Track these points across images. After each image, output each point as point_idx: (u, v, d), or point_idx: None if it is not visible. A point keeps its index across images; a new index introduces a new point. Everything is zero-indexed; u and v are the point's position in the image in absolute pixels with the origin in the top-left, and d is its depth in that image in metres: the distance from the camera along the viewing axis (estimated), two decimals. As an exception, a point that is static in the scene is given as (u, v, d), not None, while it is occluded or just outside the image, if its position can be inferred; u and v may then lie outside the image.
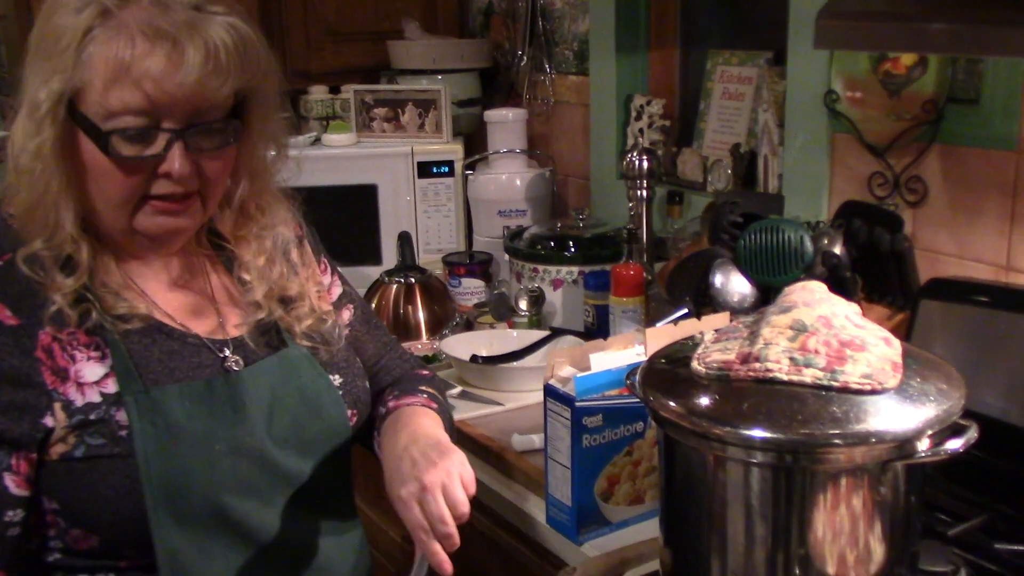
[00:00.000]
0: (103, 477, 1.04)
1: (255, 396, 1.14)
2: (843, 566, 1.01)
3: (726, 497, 1.03)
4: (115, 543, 1.08)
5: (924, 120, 1.59)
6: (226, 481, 1.10)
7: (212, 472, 1.08)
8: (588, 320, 1.98)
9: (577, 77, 2.45)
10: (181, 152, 1.05)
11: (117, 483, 1.04)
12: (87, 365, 1.06)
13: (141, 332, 1.10)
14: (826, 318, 1.03)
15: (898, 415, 0.97)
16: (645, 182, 1.99)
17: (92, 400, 1.05)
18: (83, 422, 1.04)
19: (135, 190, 1.06)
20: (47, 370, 1.04)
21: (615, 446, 1.30)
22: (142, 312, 1.10)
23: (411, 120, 2.52)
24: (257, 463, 1.12)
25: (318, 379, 1.20)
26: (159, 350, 1.10)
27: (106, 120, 1.03)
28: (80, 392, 1.05)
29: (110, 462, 1.04)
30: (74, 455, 1.04)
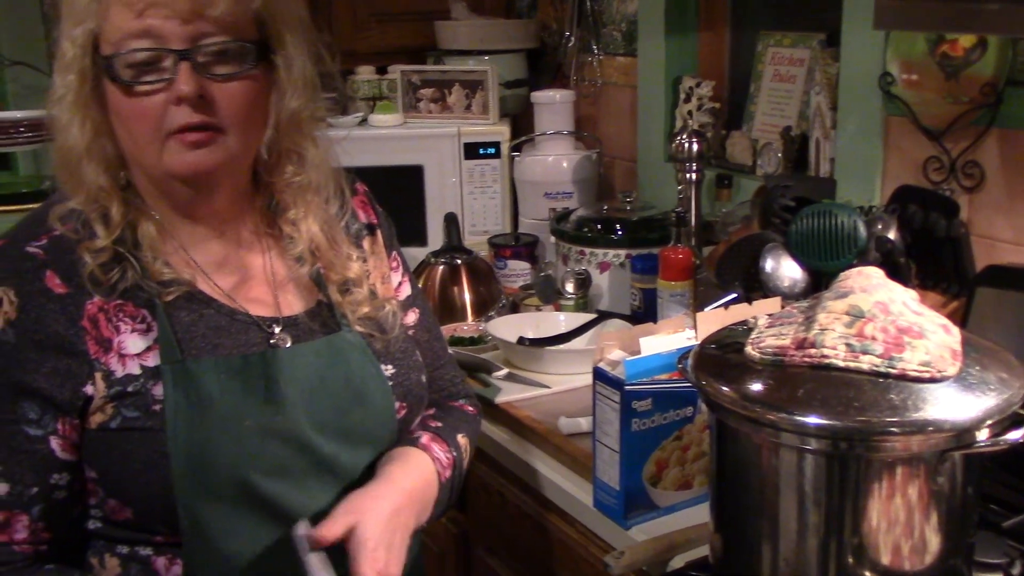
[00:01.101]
0: (135, 449, 1.05)
1: (294, 376, 1.12)
2: (897, 556, 1.00)
3: (779, 484, 1.02)
4: (147, 516, 1.08)
5: (982, 103, 1.56)
6: (254, 459, 1.09)
7: (239, 448, 1.08)
8: (635, 303, 1.97)
9: (625, 58, 2.43)
10: (187, 72, 1.03)
11: (147, 456, 1.05)
12: (131, 337, 1.07)
13: (187, 304, 1.10)
14: (884, 304, 1.02)
15: (957, 404, 0.95)
16: (695, 165, 1.97)
17: (132, 372, 1.06)
18: (121, 393, 1.05)
19: (155, 122, 1.04)
20: (91, 340, 1.05)
21: (664, 430, 1.30)
22: (186, 280, 1.10)
23: (458, 101, 2.51)
24: (290, 444, 1.11)
25: (368, 367, 1.18)
26: (205, 324, 1.10)
27: (116, 53, 1.03)
28: (121, 363, 1.06)
29: (142, 435, 1.05)
30: (110, 425, 1.05)
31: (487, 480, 1.69)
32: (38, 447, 1.04)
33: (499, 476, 1.66)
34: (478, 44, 2.60)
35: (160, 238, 1.12)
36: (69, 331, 1.04)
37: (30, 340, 1.03)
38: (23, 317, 1.03)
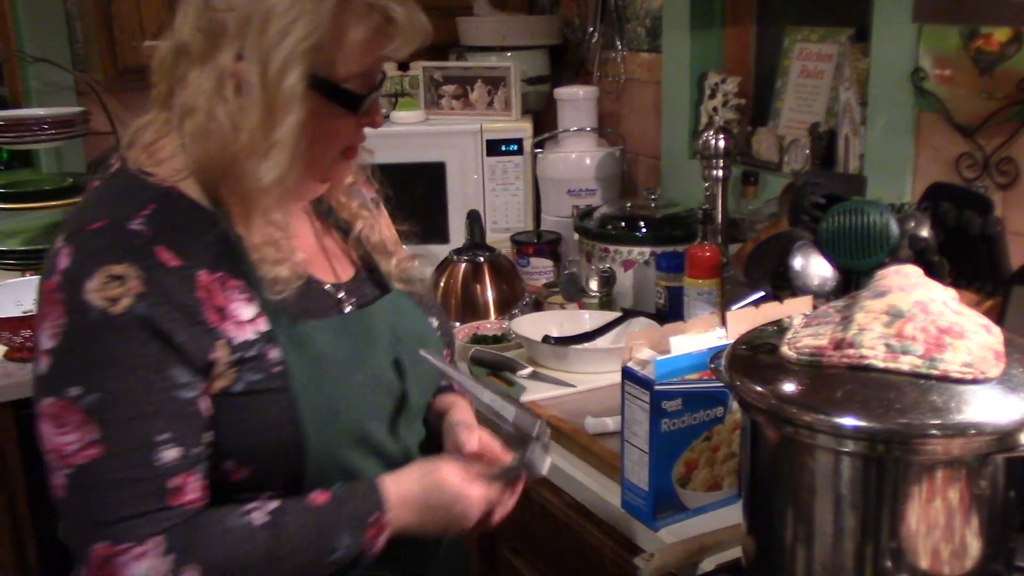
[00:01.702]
0: (261, 410, 1.08)
1: (382, 331, 1.20)
2: (936, 561, 0.98)
3: (815, 486, 1.00)
4: (267, 474, 1.11)
5: (1018, 99, 1.53)
6: (368, 409, 1.15)
7: (356, 400, 1.14)
8: (660, 302, 1.95)
9: (649, 54, 2.40)
10: (378, 104, 1.15)
11: (274, 415, 1.08)
12: (240, 305, 1.08)
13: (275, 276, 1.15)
14: (923, 303, 1.00)
15: (1000, 406, 0.93)
16: (722, 162, 1.94)
17: (248, 338, 1.08)
18: (242, 359, 1.07)
19: (344, 142, 1.14)
20: (209, 309, 1.06)
21: (694, 431, 1.28)
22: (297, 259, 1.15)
23: (480, 97, 2.50)
24: (388, 392, 1.18)
25: (422, 319, 1.27)
26: (293, 294, 1.13)
27: (345, 83, 1.08)
28: (239, 329, 1.08)
29: (267, 396, 1.08)
30: (233, 390, 1.07)
31: (511, 480, 1.68)
32: (192, 409, 1.06)
33: (524, 476, 1.64)
34: (500, 40, 2.59)
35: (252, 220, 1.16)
36: (189, 301, 1.05)
37: (162, 310, 1.03)
38: (151, 290, 1.03)
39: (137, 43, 2.39)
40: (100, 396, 1.01)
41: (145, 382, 1.02)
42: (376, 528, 1.10)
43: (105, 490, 1.01)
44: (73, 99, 2.66)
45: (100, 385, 1.01)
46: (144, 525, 1.01)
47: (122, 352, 1.01)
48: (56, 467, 1.02)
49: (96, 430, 1.00)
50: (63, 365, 1.02)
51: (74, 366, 1.01)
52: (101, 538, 1.00)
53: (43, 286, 1.05)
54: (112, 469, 1.01)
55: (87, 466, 1.01)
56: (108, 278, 1.01)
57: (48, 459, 1.03)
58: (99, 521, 1.01)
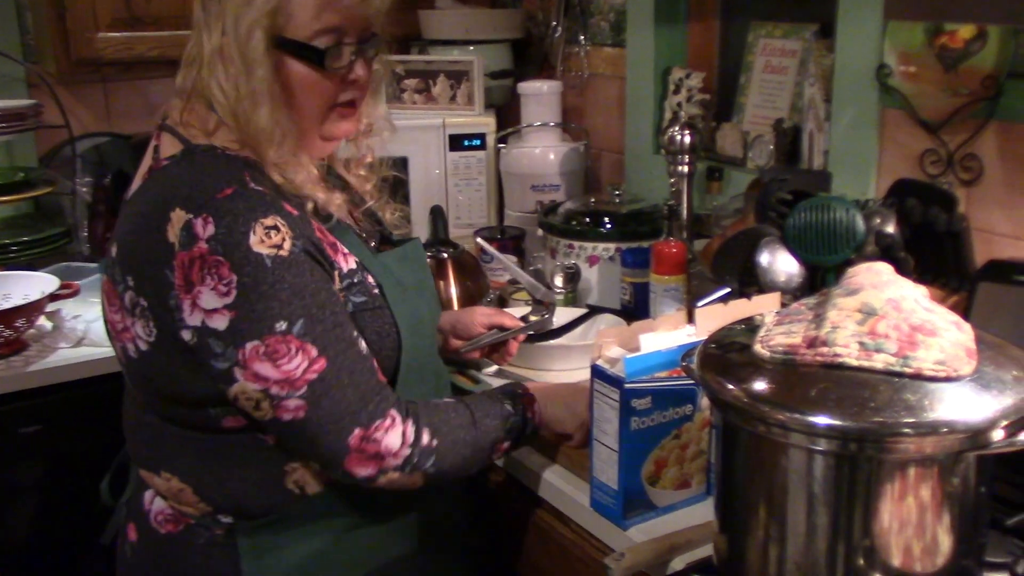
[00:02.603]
0: (369, 324, 1.26)
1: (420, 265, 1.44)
2: (908, 558, 0.98)
3: (788, 485, 0.99)
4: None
5: (982, 96, 1.54)
6: (430, 322, 1.40)
7: (427, 315, 1.38)
8: (625, 298, 1.94)
9: (613, 49, 2.39)
10: (362, 62, 1.27)
11: (379, 327, 1.27)
12: (338, 243, 1.27)
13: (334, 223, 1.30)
14: (895, 301, 0.99)
15: (973, 404, 0.93)
16: (687, 157, 1.94)
17: (352, 267, 1.27)
18: (350, 285, 1.26)
19: (331, 99, 1.27)
20: (327, 245, 1.24)
21: (663, 429, 1.27)
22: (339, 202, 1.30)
23: (443, 92, 2.47)
24: (436, 315, 1.46)
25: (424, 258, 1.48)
26: (348, 240, 1.30)
27: (310, 40, 1.21)
28: (344, 261, 1.26)
29: (372, 313, 1.27)
30: (346, 309, 1.24)
31: (479, 479, 1.66)
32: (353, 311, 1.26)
33: (491, 474, 1.63)
34: (463, 34, 2.56)
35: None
36: (316, 239, 1.22)
37: (312, 248, 1.20)
38: (298, 232, 1.18)
39: (91, 34, 2.33)
40: (304, 321, 1.16)
41: (329, 297, 1.20)
42: (527, 397, 1.37)
43: (340, 390, 1.18)
44: (24, 91, 2.59)
45: (300, 313, 1.16)
46: (380, 404, 1.21)
47: (303, 283, 1.17)
48: (287, 395, 1.16)
49: (313, 348, 1.17)
50: (254, 311, 1.14)
51: (267, 308, 1.15)
52: (352, 428, 1.19)
53: (182, 258, 1.14)
54: (339, 372, 1.18)
55: (319, 379, 1.17)
56: (266, 229, 1.15)
57: (274, 392, 1.16)
58: (344, 416, 1.18)
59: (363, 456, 1.20)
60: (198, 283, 1.14)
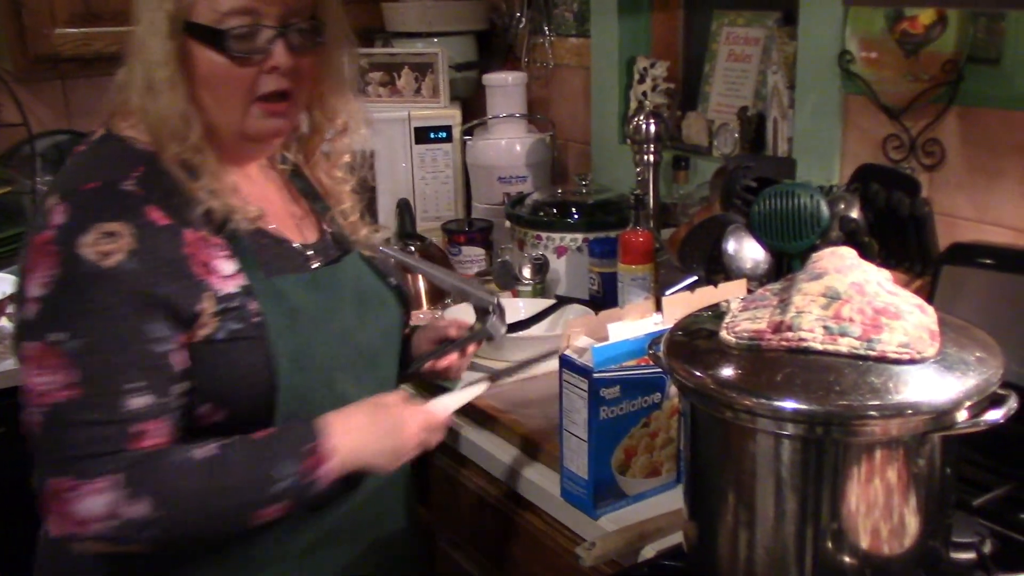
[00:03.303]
0: (241, 356, 1.16)
1: (347, 286, 1.30)
2: (876, 540, 0.98)
3: (756, 470, 0.99)
4: (241, 418, 1.18)
5: (943, 81, 1.55)
6: (335, 358, 1.25)
7: (326, 349, 1.23)
8: (593, 288, 1.94)
9: (577, 39, 2.39)
10: (284, 47, 1.18)
11: (252, 361, 1.17)
12: (222, 261, 1.17)
13: (250, 236, 1.21)
14: (859, 285, 1.00)
15: (937, 385, 0.94)
16: (652, 147, 1.94)
17: (231, 291, 1.17)
18: (225, 309, 1.16)
19: (247, 89, 1.18)
20: (195, 263, 1.15)
21: (632, 418, 1.27)
22: (253, 215, 1.22)
23: (407, 84, 2.46)
24: (354, 345, 1.28)
25: (380, 279, 1.36)
26: (265, 252, 1.23)
27: (218, 24, 1.15)
28: (222, 283, 1.16)
29: (248, 343, 1.16)
30: (216, 337, 1.15)
31: (449, 471, 1.66)
32: (165, 362, 1.13)
33: (461, 467, 1.62)
34: (427, 26, 2.55)
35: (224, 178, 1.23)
36: (178, 256, 1.14)
37: (151, 266, 1.12)
38: (142, 246, 1.11)
39: (48, 31, 2.29)
40: (83, 342, 1.08)
41: (125, 333, 1.10)
42: (316, 457, 1.15)
43: (74, 429, 1.08)
44: (-19, 90, 2.55)
45: (84, 333, 1.09)
46: (102, 464, 1.08)
47: (107, 304, 1.09)
48: (33, 405, 1.09)
49: (75, 373, 1.08)
50: (51, 312, 1.09)
51: (62, 313, 1.09)
52: (62, 473, 1.07)
53: (34, 239, 1.11)
54: (84, 410, 1.08)
55: (62, 405, 1.08)
56: (102, 234, 1.09)
57: (26, 398, 1.10)
58: (65, 457, 1.08)
59: (55, 511, 1.08)
60: (32, 268, 1.11)
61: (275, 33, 1.17)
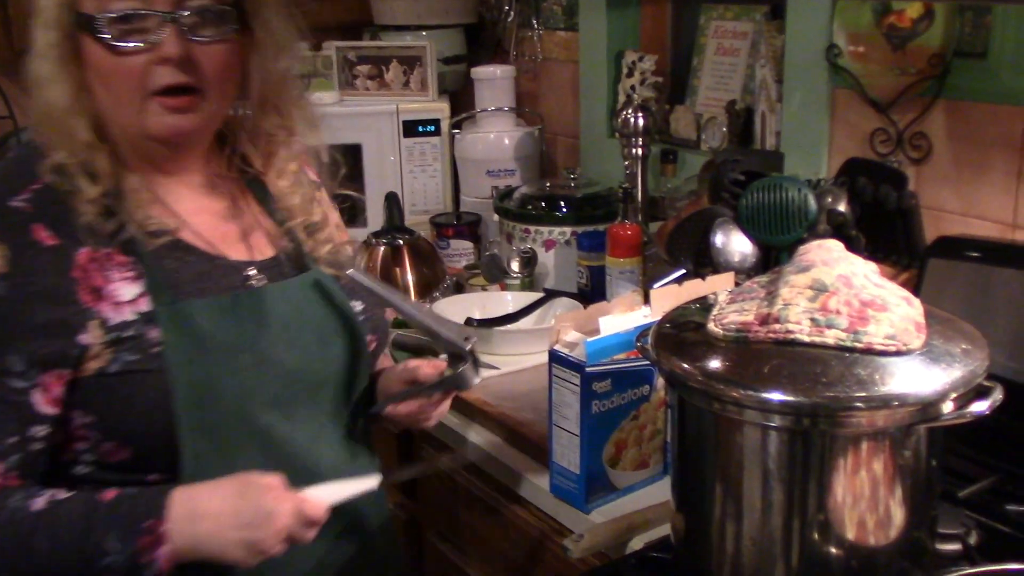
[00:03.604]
0: (138, 390, 1.07)
1: (280, 311, 1.16)
2: (862, 531, 0.99)
3: (743, 462, 1.00)
4: (146, 455, 1.09)
5: (929, 75, 1.55)
6: (251, 391, 1.12)
7: (237, 381, 1.11)
8: (582, 281, 1.94)
9: (566, 33, 2.39)
10: (175, 34, 1.06)
11: (150, 396, 1.07)
12: (122, 284, 1.08)
13: (171, 250, 1.13)
14: (846, 277, 1.00)
15: (923, 377, 0.94)
16: (641, 140, 1.94)
17: (127, 319, 1.07)
18: (118, 339, 1.06)
19: (138, 81, 1.07)
20: (83, 289, 1.06)
21: (623, 410, 1.27)
22: (171, 228, 1.13)
23: (395, 78, 2.45)
24: (281, 376, 1.15)
25: (336, 303, 1.22)
26: (189, 270, 1.13)
27: (100, 12, 1.05)
28: (116, 310, 1.07)
29: (144, 376, 1.07)
30: (109, 370, 1.06)
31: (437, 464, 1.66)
32: (21, 399, 1.05)
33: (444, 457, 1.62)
34: (415, 19, 2.54)
35: (142, 191, 1.14)
36: (61, 282, 1.05)
37: (23, 293, 1.04)
38: (15, 270, 1.04)
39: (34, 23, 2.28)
40: None
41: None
42: (150, 538, 1.02)
43: None
44: (-35, 83, 2.54)
45: None
46: None
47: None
48: None
49: None
50: None
51: None
52: None
53: None
54: None
55: None
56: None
57: None
58: None
59: None
60: None
61: (162, 19, 1.05)
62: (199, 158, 1.20)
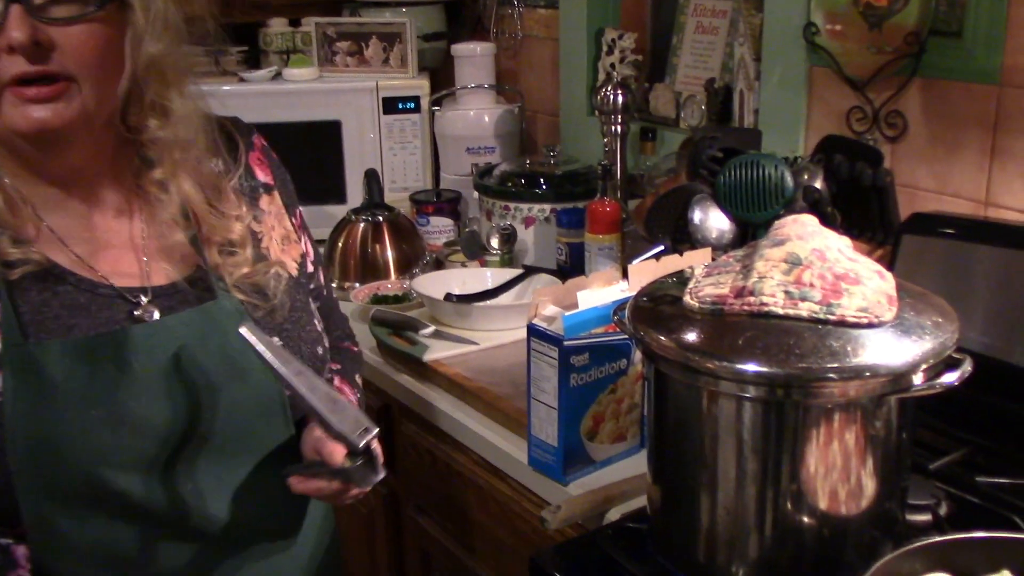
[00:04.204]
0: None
1: (155, 355, 1.01)
2: (834, 502, 1.01)
3: (718, 433, 1.01)
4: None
5: (905, 53, 1.56)
6: (104, 451, 0.99)
7: (86, 440, 0.98)
8: (561, 258, 1.95)
9: (546, 10, 2.39)
10: (18, 16, 0.91)
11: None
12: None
13: (38, 282, 1.00)
14: (820, 251, 1.02)
15: (895, 349, 0.96)
16: (620, 117, 1.95)
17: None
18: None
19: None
20: None
21: (600, 384, 1.28)
22: (35, 257, 0.99)
23: (375, 54, 2.44)
24: (145, 432, 1.01)
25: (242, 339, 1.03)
26: (59, 303, 1.00)
27: None
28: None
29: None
30: None
31: (416, 439, 1.67)
32: None
33: (428, 435, 1.64)
34: (395, -6, 2.54)
35: (9, 206, 1.00)
36: None
37: None
38: None
39: None
40: None
41: None
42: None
43: None
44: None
45: None
46: None
47: None
48: None
49: None
50: None
51: None
52: None
53: None
54: None
55: None
56: None
57: None
58: None
59: None
60: None
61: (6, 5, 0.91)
62: (90, 162, 1.05)
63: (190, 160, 1.08)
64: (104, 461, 0.99)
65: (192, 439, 1.04)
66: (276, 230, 1.18)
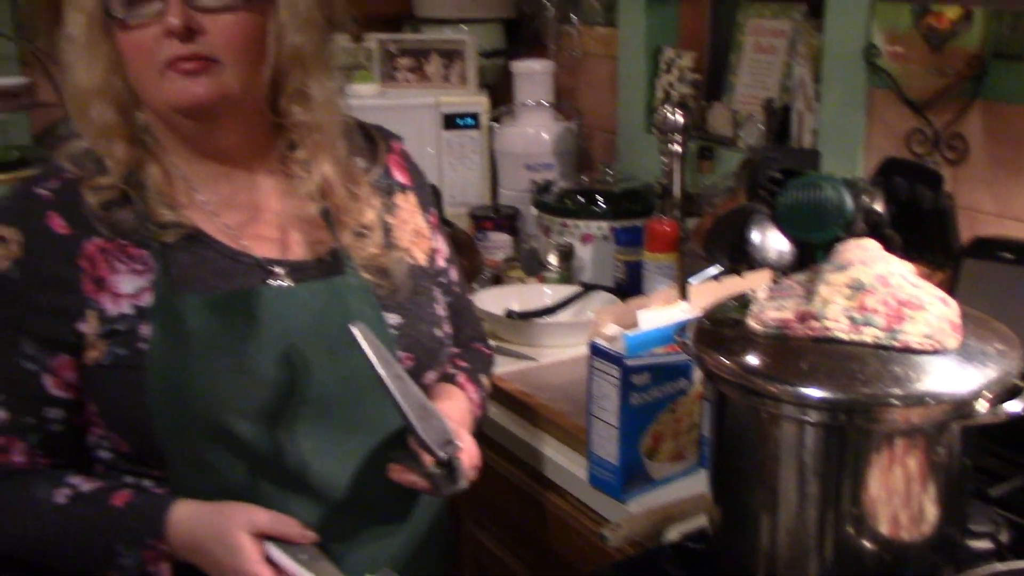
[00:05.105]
0: (123, 386, 1.08)
1: (281, 316, 1.11)
2: (894, 527, 1.02)
3: (779, 455, 1.03)
4: (143, 452, 1.11)
5: (967, 76, 1.56)
6: (228, 397, 1.08)
7: (214, 386, 1.08)
8: (619, 276, 1.97)
9: (605, 29, 2.41)
10: (176, 5, 1.05)
11: (129, 393, 1.08)
12: (127, 277, 1.09)
13: (188, 245, 1.12)
14: (883, 276, 1.03)
15: (958, 376, 0.97)
16: (679, 137, 1.96)
17: (124, 312, 1.08)
18: (112, 331, 1.08)
19: (149, 55, 1.06)
20: (87, 278, 1.08)
21: (660, 403, 1.30)
22: (188, 223, 1.12)
23: (436, 71, 2.49)
24: (265, 387, 1.09)
25: (367, 312, 1.15)
26: (205, 266, 1.12)
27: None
28: (115, 303, 1.08)
29: (126, 372, 1.07)
30: (103, 363, 1.08)
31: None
32: (33, 381, 1.09)
33: (488, 449, 1.65)
34: (455, 12, 2.57)
35: (167, 179, 1.14)
36: (67, 270, 1.08)
37: (33, 278, 1.08)
38: (27, 256, 1.08)
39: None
40: None
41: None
42: (154, 552, 1.08)
43: None
44: (16, 69, 2.59)
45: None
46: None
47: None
48: None
49: None
50: None
51: None
52: None
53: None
54: None
55: None
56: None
57: None
58: None
59: None
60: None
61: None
62: (242, 144, 1.16)
63: (329, 143, 1.17)
64: (229, 407, 1.08)
65: (309, 399, 1.12)
66: (408, 224, 1.27)
